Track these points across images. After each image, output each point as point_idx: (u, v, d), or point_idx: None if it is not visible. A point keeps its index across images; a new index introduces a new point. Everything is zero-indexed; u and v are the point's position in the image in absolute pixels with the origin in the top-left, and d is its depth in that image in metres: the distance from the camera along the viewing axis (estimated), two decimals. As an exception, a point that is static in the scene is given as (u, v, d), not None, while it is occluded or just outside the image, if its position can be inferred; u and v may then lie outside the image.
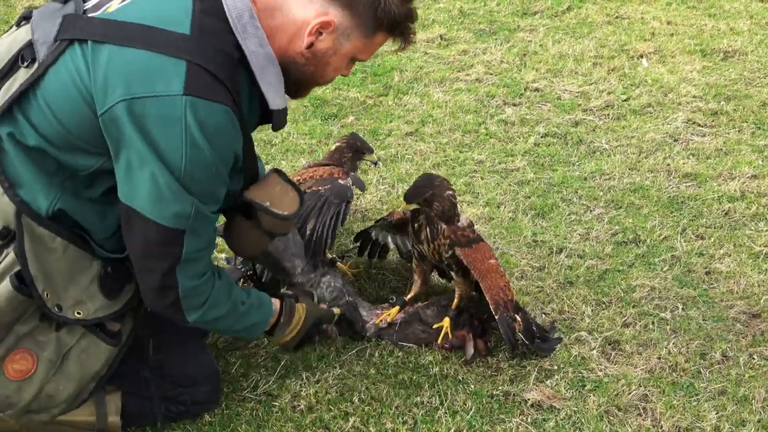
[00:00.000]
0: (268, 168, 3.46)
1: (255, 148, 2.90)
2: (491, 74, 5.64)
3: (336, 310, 3.50)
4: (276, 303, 3.23)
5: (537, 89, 5.46)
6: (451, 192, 3.45)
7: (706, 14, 6.43)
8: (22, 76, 2.61)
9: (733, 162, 4.73)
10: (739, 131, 5.02)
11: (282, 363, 3.47)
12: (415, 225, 3.52)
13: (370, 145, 4.01)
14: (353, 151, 3.87)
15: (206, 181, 2.61)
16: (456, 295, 3.59)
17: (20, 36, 2.69)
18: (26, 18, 2.75)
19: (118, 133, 2.51)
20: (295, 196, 3.03)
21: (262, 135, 4.89)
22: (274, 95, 2.71)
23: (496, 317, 3.38)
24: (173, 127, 2.48)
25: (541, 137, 4.98)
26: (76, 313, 2.79)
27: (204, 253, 2.77)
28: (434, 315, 3.62)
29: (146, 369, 3.07)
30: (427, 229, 3.48)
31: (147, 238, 2.64)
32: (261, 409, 3.25)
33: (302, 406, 3.26)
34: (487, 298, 3.40)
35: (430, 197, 3.41)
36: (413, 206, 3.43)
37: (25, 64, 2.62)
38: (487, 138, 4.96)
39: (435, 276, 3.89)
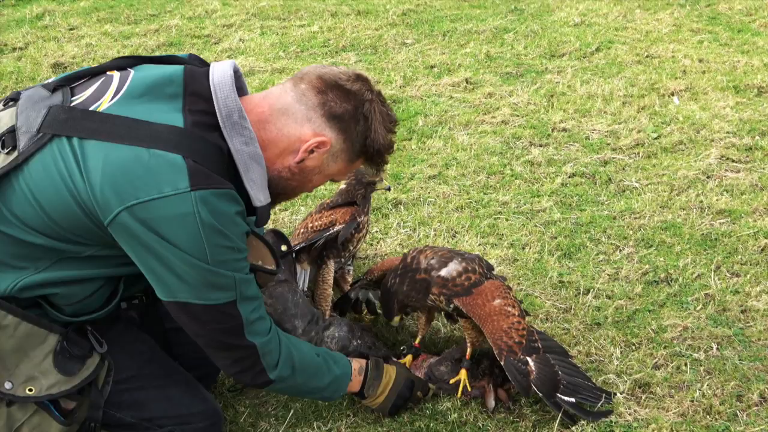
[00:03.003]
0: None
1: None
2: (517, 116, 5.50)
3: (431, 386, 3.42)
4: (361, 361, 3.22)
5: (564, 129, 5.31)
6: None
7: (738, 51, 6.26)
8: (0, 161, 2.57)
9: (768, 198, 4.53)
10: (775, 166, 4.81)
11: (292, 412, 3.32)
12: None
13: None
14: (364, 186, 3.74)
15: (233, 257, 2.61)
16: (468, 344, 3.41)
17: (4, 119, 2.66)
18: (14, 99, 2.73)
19: (132, 240, 2.51)
20: (268, 252, 3.04)
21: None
22: (257, 192, 2.68)
23: (501, 363, 3.18)
24: (187, 223, 2.48)
25: (569, 177, 4.81)
26: (27, 390, 2.71)
27: (260, 310, 2.77)
28: (448, 371, 3.44)
29: (125, 411, 2.95)
30: (421, 294, 3.36)
31: (206, 321, 2.67)
32: (270, 461, 3.08)
33: (315, 457, 3.09)
34: (490, 344, 3.22)
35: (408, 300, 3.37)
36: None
37: (6, 150, 2.59)
38: (512, 179, 4.81)
39: (440, 321, 3.74)
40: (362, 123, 2.78)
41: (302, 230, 3.73)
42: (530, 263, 4.13)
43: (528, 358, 3.18)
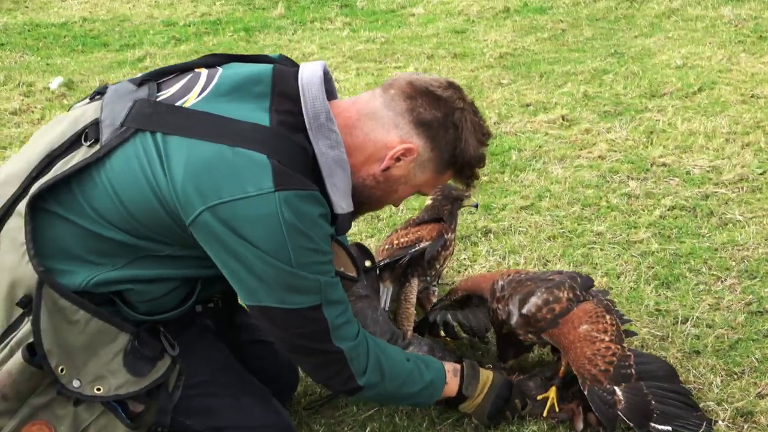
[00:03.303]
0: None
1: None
2: (615, 151, 5.33)
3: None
4: (455, 364, 3.10)
5: (664, 164, 5.12)
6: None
7: None
8: (82, 153, 2.54)
9: None
10: None
11: (365, 424, 3.17)
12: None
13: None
14: (450, 201, 3.62)
15: (317, 259, 2.53)
16: (563, 363, 3.23)
17: (88, 112, 2.64)
18: (100, 93, 2.71)
19: (213, 240, 2.46)
20: (348, 258, 3.01)
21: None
22: (340, 199, 2.60)
23: (585, 392, 3.00)
24: (270, 224, 2.42)
25: (668, 210, 4.61)
26: (95, 389, 2.61)
27: (347, 314, 2.67)
28: (537, 386, 3.27)
29: (195, 419, 2.84)
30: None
31: (292, 326, 2.59)
32: (343, 477, 2.94)
33: (388, 475, 2.94)
34: (574, 372, 3.04)
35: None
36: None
37: (89, 143, 2.55)
38: (608, 211, 4.63)
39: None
40: (452, 131, 2.67)
41: (387, 246, 3.63)
42: (625, 292, 3.94)
43: (616, 387, 3.00)
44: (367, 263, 3.37)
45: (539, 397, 3.21)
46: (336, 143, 2.59)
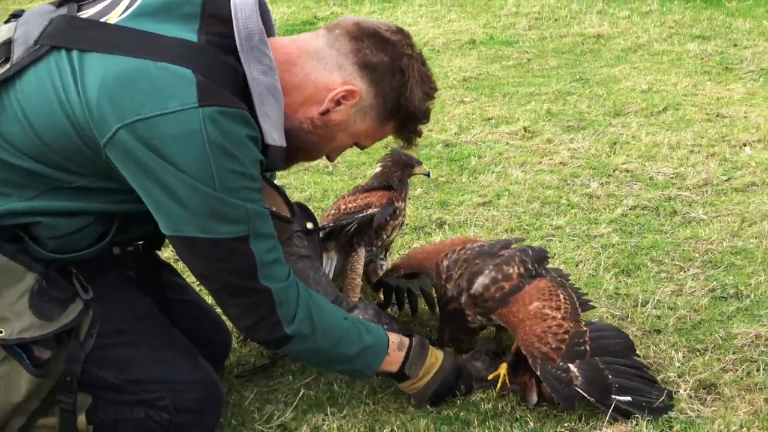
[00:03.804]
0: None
1: None
2: (577, 158, 5.17)
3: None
4: (402, 337, 2.85)
5: (627, 170, 4.96)
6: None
7: (819, 113, 5.88)
8: None
9: None
10: None
11: (302, 394, 2.94)
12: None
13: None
14: (401, 167, 3.43)
15: (245, 185, 2.33)
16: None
17: (2, 33, 2.45)
18: (16, 16, 2.52)
19: (131, 163, 2.26)
20: (281, 199, 2.84)
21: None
22: (271, 129, 2.40)
23: (537, 372, 2.79)
24: (193, 143, 2.22)
25: (630, 209, 4.45)
26: None
27: (276, 252, 2.47)
28: (486, 366, 3.05)
29: (109, 370, 2.59)
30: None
31: (216, 259, 2.38)
32: (272, 440, 2.70)
33: (321, 439, 2.70)
34: (523, 352, 2.83)
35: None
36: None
37: None
38: (568, 208, 4.46)
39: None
40: (398, 78, 2.51)
41: (333, 211, 3.43)
42: (584, 278, 3.76)
43: (570, 365, 2.78)
44: (309, 225, 3.16)
45: (490, 377, 2.99)
46: (269, 69, 2.40)
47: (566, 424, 2.73)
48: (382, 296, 3.46)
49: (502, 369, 2.98)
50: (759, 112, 5.90)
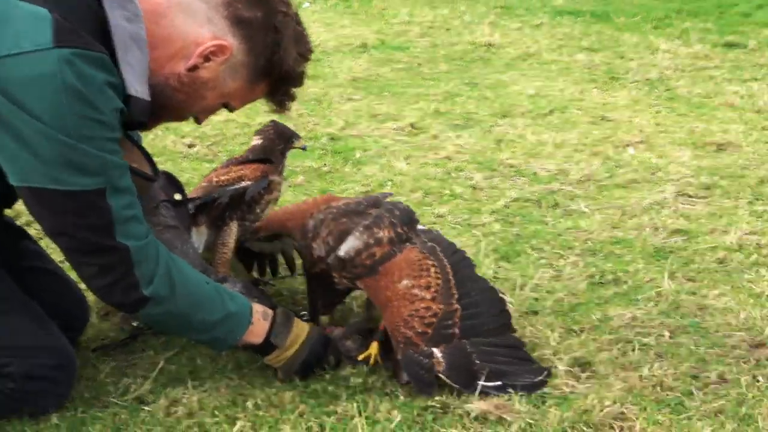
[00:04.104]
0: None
1: None
2: (462, 153, 5.13)
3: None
4: (267, 309, 2.69)
5: (512, 165, 4.93)
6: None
7: (697, 120, 5.96)
8: None
9: (728, 221, 4.12)
10: (735, 200, 4.42)
11: (162, 368, 2.78)
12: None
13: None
14: (285, 140, 3.30)
15: (103, 134, 2.18)
16: (379, 317, 2.91)
17: None
18: None
19: None
20: (143, 157, 2.65)
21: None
22: (134, 80, 2.25)
23: (398, 357, 2.69)
24: (47, 86, 2.07)
25: (512, 201, 4.40)
26: None
27: (135, 208, 2.32)
28: (357, 346, 2.92)
29: None
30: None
31: (70, 214, 2.21)
32: (125, 414, 2.53)
33: (180, 413, 2.58)
34: (389, 333, 2.73)
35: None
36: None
37: None
38: (451, 198, 4.40)
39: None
40: (271, 35, 2.38)
41: (205, 184, 3.27)
42: (463, 263, 3.65)
43: (434, 349, 2.69)
44: (177, 196, 3.00)
45: (360, 357, 2.87)
46: (134, 16, 2.27)
47: (437, 398, 2.63)
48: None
49: (373, 349, 2.86)
50: (643, 117, 5.98)
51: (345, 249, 2.87)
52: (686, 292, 3.41)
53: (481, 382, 2.67)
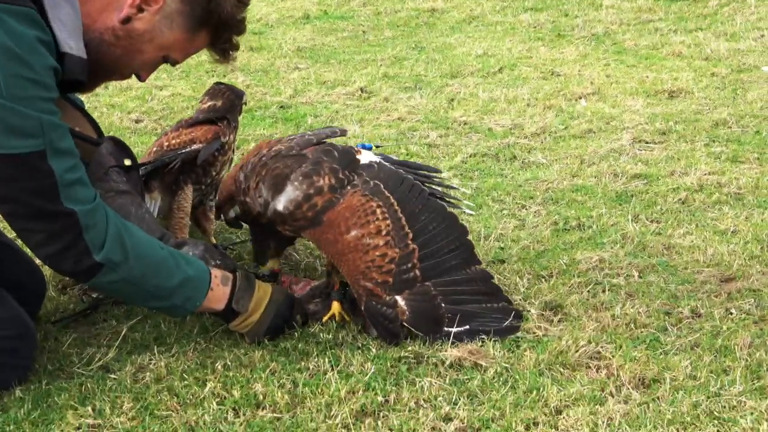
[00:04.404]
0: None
1: None
2: (415, 114, 5.06)
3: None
4: (224, 272, 2.59)
5: (465, 123, 4.89)
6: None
7: (647, 70, 5.96)
8: None
9: (687, 163, 4.11)
10: (691, 143, 4.42)
11: (125, 336, 2.70)
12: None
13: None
14: (237, 98, 3.22)
15: (38, 94, 2.09)
16: (331, 276, 2.84)
17: None
18: None
19: None
20: (86, 121, 2.55)
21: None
22: (67, 36, 2.15)
23: (362, 308, 2.63)
24: None
25: (469, 156, 4.36)
26: None
27: (79, 172, 2.22)
28: (321, 308, 2.84)
29: None
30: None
31: (10, 178, 2.12)
32: (91, 383, 2.44)
33: (147, 378, 2.50)
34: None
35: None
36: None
37: None
38: (408, 157, 4.33)
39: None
40: None
41: (156, 149, 3.17)
42: (424, 218, 3.59)
43: (397, 297, 2.62)
44: (127, 162, 2.90)
45: (325, 319, 2.79)
46: None
47: (410, 348, 2.58)
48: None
49: (334, 308, 2.79)
50: (592, 70, 5.96)
51: (284, 203, 2.76)
52: (652, 233, 3.39)
53: (448, 329, 2.61)
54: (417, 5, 8.34)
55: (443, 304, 2.66)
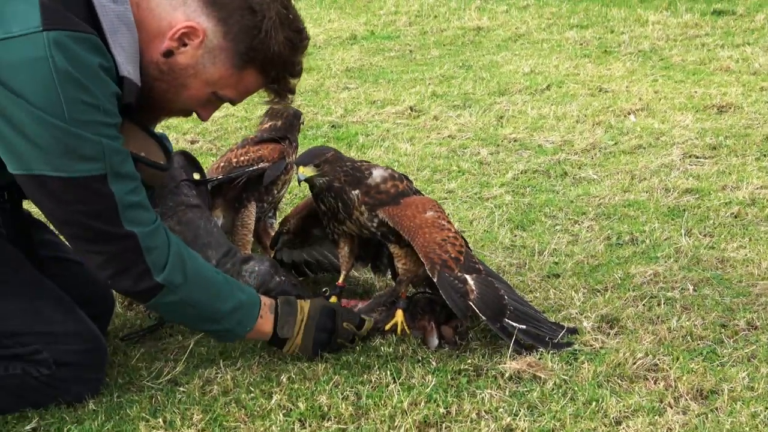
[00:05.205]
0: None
1: None
2: (465, 132, 5.13)
3: (366, 318, 2.85)
4: (269, 299, 2.66)
5: (515, 139, 4.94)
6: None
7: (695, 85, 5.98)
8: None
9: (738, 177, 4.13)
10: (742, 158, 4.44)
11: (192, 351, 2.78)
12: (323, 207, 2.85)
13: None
14: (297, 119, 3.30)
15: (99, 119, 2.14)
16: (403, 278, 2.89)
17: None
18: None
19: None
20: (157, 146, 2.54)
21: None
22: (126, 61, 2.19)
23: (434, 279, 2.67)
24: (39, 70, 2.04)
25: (521, 173, 4.41)
26: None
27: (140, 195, 2.28)
28: (383, 318, 2.91)
29: None
30: (339, 205, 2.81)
31: (73, 201, 2.17)
32: (161, 396, 2.52)
33: (215, 391, 2.57)
34: (421, 258, 2.71)
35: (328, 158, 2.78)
36: (309, 171, 2.75)
37: None
38: (459, 174, 4.41)
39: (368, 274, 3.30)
40: (249, 17, 2.29)
41: (223, 164, 3.24)
42: (479, 234, 3.68)
43: (467, 276, 2.68)
44: (196, 175, 2.98)
45: (387, 327, 2.85)
46: None
47: (469, 361, 2.63)
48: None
49: (398, 316, 2.86)
50: (640, 86, 5.99)
51: (373, 176, 2.83)
52: (705, 247, 3.42)
53: (508, 320, 2.68)
54: (463, 24, 8.43)
55: (506, 297, 2.72)
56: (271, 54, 2.33)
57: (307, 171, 2.70)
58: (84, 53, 2.08)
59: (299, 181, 2.75)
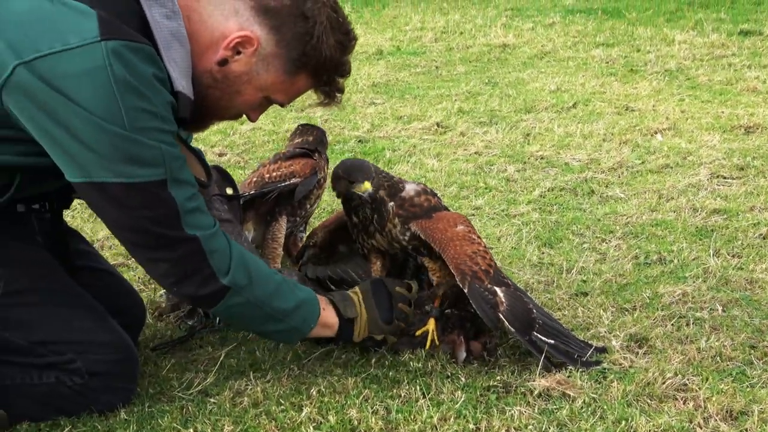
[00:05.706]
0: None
1: None
2: (492, 149, 5.14)
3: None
4: (325, 297, 2.73)
5: (542, 157, 4.94)
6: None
7: (722, 105, 5.97)
8: None
9: (766, 198, 4.12)
10: (770, 180, 4.43)
11: (222, 362, 2.80)
12: (356, 219, 2.89)
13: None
14: (324, 136, 3.34)
15: (157, 125, 2.19)
16: (437, 287, 2.91)
17: None
18: None
19: (31, 104, 2.10)
20: (198, 162, 2.64)
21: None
22: (180, 76, 2.24)
23: (465, 290, 2.69)
24: (98, 79, 2.07)
25: (548, 190, 4.41)
26: None
27: (198, 201, 2.32)
28: (416, 320, 2.93)
29: (13, 331, 2.44)
30: (375, 216, 2.84)
31: (135, 206, 2.21)
32: (192, 406, 2.54)
33: (245, 403, 2.59)
34: (451, 269, 2.73)
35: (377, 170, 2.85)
36: (369, 185, 2.80)
37: None
38: (486, 191, 4.42)
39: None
40: (301, 24, 2.33)
41: (256, 179, 3.27)
42: (506, 250, 3.69)
43: (497, 288, 2.70)
44: (229, 190, 3.02)
45: (418, 333, 2.87)
46: (173, 13, 2.25)
47: (498, 377, 2.64)
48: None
49: (431, 324, 2.88)
50: (667, 105, 5.98)
51: (405, 192, 2.87)
52: (733, 267, 3.41)
53: (537, 334, 2.69)
54: (488, 41, 8.46)
55: (534, 311, 2.74)
56: (323, 59, 2.37)
57: (368, 185, 2.76)
58: (140, 63, 2.12)
59: (361, 198, 2.77)
